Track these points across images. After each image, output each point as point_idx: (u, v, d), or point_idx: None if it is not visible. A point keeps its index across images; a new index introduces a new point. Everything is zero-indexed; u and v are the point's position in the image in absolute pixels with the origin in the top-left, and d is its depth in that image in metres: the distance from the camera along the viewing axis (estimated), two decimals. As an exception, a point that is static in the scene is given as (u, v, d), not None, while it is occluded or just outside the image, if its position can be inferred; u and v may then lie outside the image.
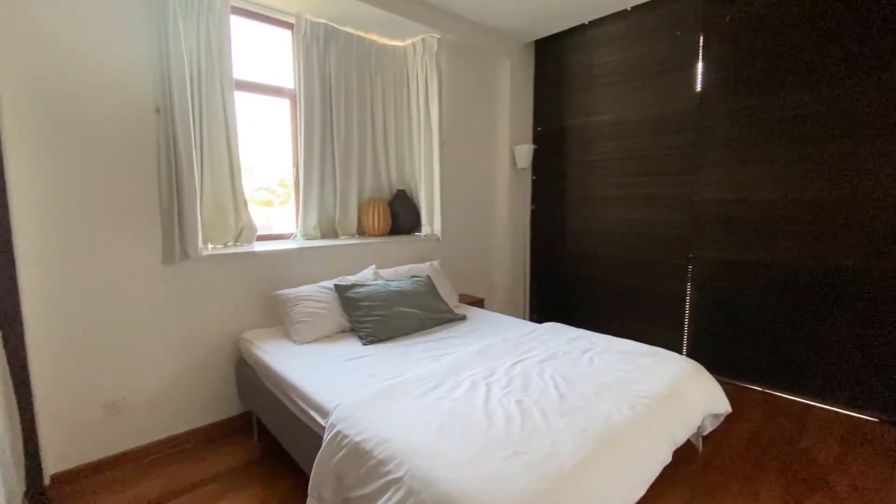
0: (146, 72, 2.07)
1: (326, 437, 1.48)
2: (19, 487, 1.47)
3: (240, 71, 2.69)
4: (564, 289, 3.81)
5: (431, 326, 2.47)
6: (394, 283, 2.55)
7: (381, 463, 1.28)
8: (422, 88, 3.26)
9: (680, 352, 3.09)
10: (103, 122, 1.97)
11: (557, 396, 1.59)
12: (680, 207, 3.09)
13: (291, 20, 2.79)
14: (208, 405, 2.34)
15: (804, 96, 2.54)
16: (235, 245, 2.60)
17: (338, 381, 1.77)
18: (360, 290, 2.41)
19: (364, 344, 2.20)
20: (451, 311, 2.65)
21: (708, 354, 3.00)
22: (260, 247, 2.59)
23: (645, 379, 1.75)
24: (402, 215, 3.34)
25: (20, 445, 1.57)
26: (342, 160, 3.04)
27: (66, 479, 1.95)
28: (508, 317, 2.75)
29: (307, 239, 2.94)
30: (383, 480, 1.25)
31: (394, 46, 3.28)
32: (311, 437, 1.63)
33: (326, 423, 1.53)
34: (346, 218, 3.13)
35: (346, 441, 1.41)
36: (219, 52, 2.47)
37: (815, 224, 2.55)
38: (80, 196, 1.93)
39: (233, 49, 2.55)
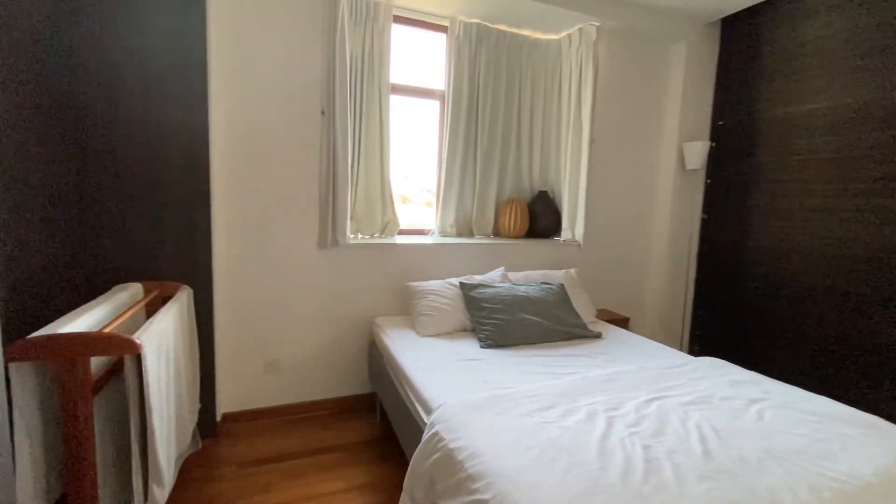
0: (316, 79, 2.35)
1: (425, 435, 1.44)
2: (191, 420, 1.80)
3: (395, 75, 2.89)
4: (741, 319, 3.10)
5: (557, 340, 2.25)
6: (521, 288, 2.42)
7: (471, 478, 1.18)
8: (574, 82, 3.03)
9: (916, 427, 2.22)
10: (281, 125, 2.32)
11: (701, 452, 1.25)
12: (934, 226, 2.20)
13: (446, 23, 2.87)
14: (343, 379, 2.57)
15: None
16: (380, 237, 2.80)
17: (448, 380, 1.73)
18: (485, 290, 2.33)
19: (482, 346, 2.12)
20: (583, 326, 2.38)
21: (970, 440, 2.07)
22: (399, 240, 2.74)
23: (843, 454, 1.26)
24: (541, 217, 3.16)
25: (197, 387, 1.94)
26: (484, 159, 3.02)
27: (231, 419, 2.36)
28: (656, 343, 2.34)
29: (443, 236, 3.00)
30: (470, 498, 1.14)
31: (548, 41, 3.12)
32: (416, 430, 1.62)
33: (428, 420, 1.50)
34: (483, 217, 3.10)
35: (441, 444, 1.34)
36: (379, 58, 2.68)
37: None
38: (259, 187, 2.31)
39: (393, 55, 2.76)
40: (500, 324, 2.18)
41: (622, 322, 3.00)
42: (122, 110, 1.84)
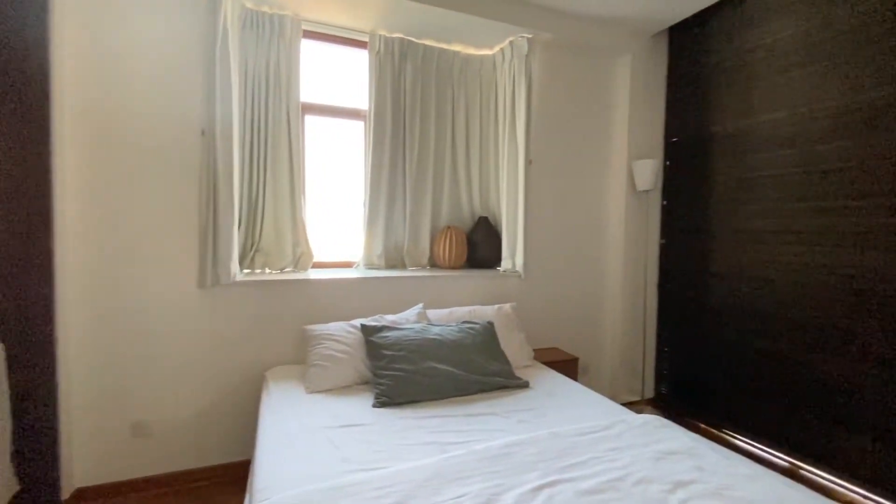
0: (194, 94, 2.07)
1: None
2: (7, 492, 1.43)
3: (318, 95, 2.64)
4: (709, 356, 2.73)
5: (473, 392, 1.89)
6: (435, 329, 2.06)
7: None
8: (508, 99, 2.77)
9: (907, 497, 1.84)
10: (151, 143, 2.03)
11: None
12: (908, 249, 1.89)
13: (366, 38, 2.63)
14: (233, 442, 2.18)
15: None
16: (293, 271, 2.49)
17: (299, 459, 1.36)
18: (389, 334, 1.98)
19: (374, 405, 1.75)
20: (507, 373, 2.02)
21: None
22: (312, 275, 2.41)
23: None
24: (481, 246, 2.85)
25: (6, 464, 1.56)
26: (414, 184, 2.73)
27: (90, 494, 1.96)
28: (594, 394, 1.98)
29: (369, 268, 2.68)
30: None
31: (482, 56, 2.89)
32: (249, 530, 1.25)
33: (246, 522, 1.13)
34: (417, 247, 2.78)
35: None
36: (287, 76, 2.43)
37: None
38: (124, 215, 1.99)
39: (311, 73, 2.54)
40: (399, 376, 1.82)
41: (570, 363, 2.64)
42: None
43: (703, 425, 2.68)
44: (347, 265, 2.76)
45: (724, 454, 1.38)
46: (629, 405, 2.93)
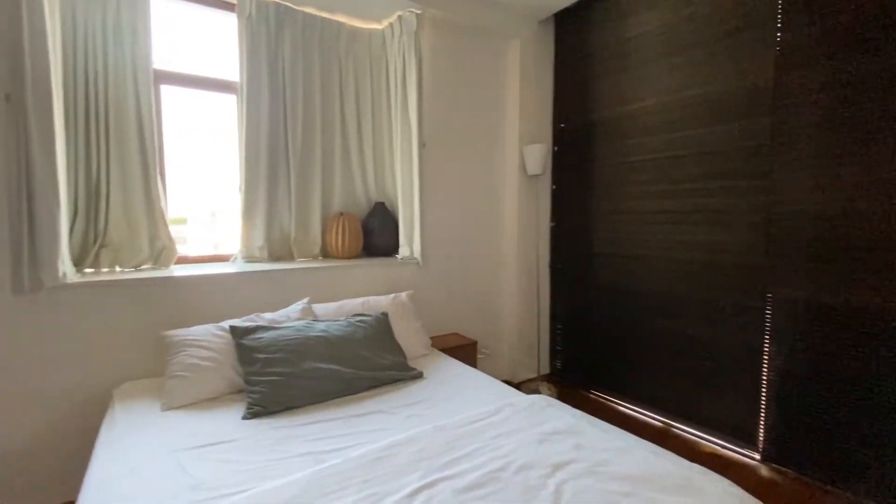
0: (-5, 52, 1.63)
1: None
2: None
3: (180, 62, 2.27)
4: (596, 330, 2.90)
5: (364, 390, 1.77)
6: (319, 326, 1.89)
7: None
8: (399, 78, 2.63)
9: (754, 440, 2.09)
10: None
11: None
12: (751, 225, 2.12)
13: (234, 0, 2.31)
14: (67, 479, 1.78)
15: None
16: (152, 268, 2.13)
17: (136, 494, 1.12)
18: (264, 335, 1.76)
19: (245, 417, 1.54)
20: (400, 365, 1.92)
21: (800, 447, 1.97)
22: (178, 271, 2.08)
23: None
24: (378, 233, 2.70)
25: None
26: (299, 167, 2.49)
27: None
28: (482, 376, 1.96)
29: (249, 262, 2.40)
30: None
31: (370, 30, 2.70)
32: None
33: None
34: (307, 236, 2.56)
35: None
36: (132, 37, 2.05)
37: None
38: None
39: (170, 37, 2.18)
40: (276, 381, 1.63)
41: (469, 347, 2.62)
42: None
43: (592, 395, 2.86)
44: (223, 259, 2.45)
45: (603, 428, 1.42)
46: (527, 382, 3.03)
